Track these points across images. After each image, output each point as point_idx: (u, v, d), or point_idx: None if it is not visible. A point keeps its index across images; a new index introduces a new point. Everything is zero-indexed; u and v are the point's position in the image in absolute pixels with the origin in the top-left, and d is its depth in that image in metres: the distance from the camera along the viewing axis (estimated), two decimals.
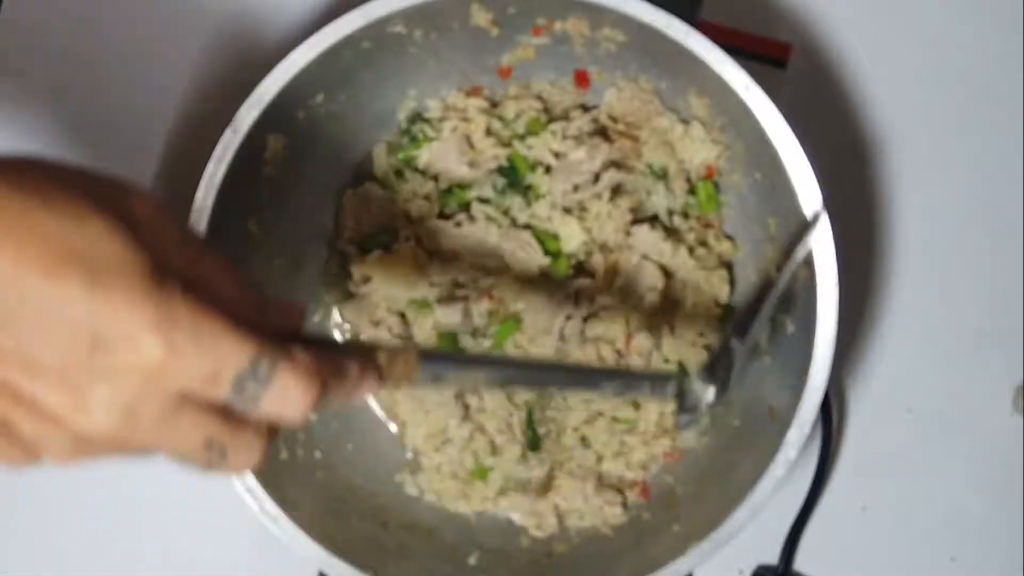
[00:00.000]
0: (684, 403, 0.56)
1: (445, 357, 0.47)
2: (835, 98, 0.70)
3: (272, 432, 0.40)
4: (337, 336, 0.67)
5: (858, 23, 0.70)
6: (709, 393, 0.56)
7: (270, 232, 0.64)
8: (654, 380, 0.56)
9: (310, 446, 0.64)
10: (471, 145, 0.66)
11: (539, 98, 0.67)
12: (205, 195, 0.58)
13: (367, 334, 0.66)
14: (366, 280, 0.66)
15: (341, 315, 0.67)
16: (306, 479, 0.62)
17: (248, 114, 0.58)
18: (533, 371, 0.52)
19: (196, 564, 0.67)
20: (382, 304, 0.66)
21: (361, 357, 0.42)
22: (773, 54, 0.69)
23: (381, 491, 0.65)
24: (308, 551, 0.57)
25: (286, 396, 0.37)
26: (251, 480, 0.57)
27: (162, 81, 0.70)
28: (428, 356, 0.44)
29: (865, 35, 0.70)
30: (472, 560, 0.63)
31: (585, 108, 0.67)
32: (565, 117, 0.67)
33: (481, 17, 0.62)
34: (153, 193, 0.39)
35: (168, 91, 0.70)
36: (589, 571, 0.62)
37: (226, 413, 0.37)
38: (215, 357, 0.36)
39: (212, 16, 0.71)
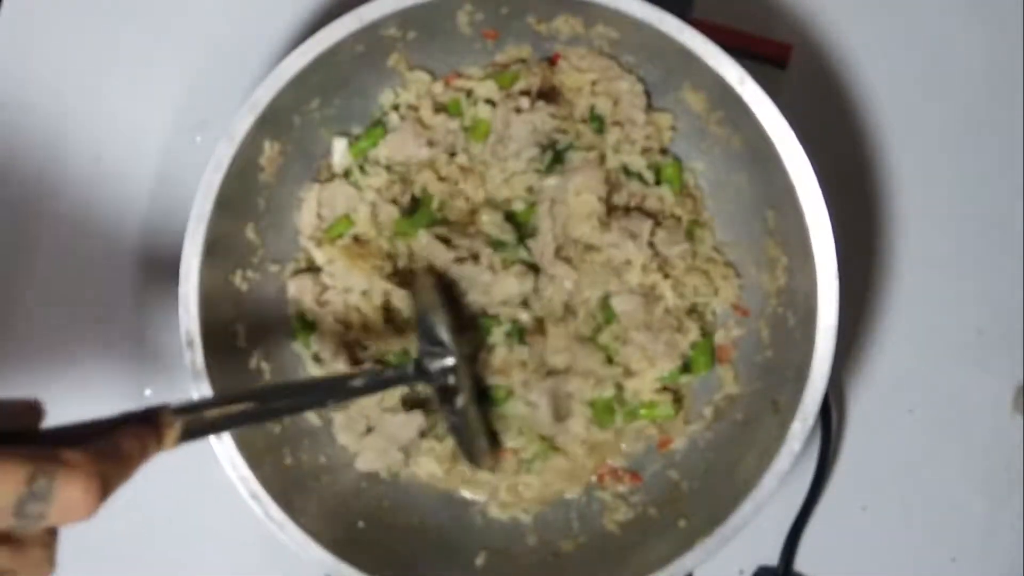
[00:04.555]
0: (431, 378, 0.60)
1: (198, 404, 0.47)
2: (835, 98, 0.70)
3: (55, 537, 0.39)
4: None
5: (858, 23, 0.70)
6: (447, 359, 0.60)
7: (267, 238, 0.64)
8: (396, 368, 0.60)
9: (315, 451, 0.64)
10: (424, 126, 0.66)
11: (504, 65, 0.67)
12: (203, 203, 0.58)
13: (312, 312, 0.66)
14: (329, 263, 0.66)
15: (290, 289, 0.66)
16: (311, 484, 0.63)
17: (243, 121, 0.58)
18: (286, 396, 0.54)
19: (203, 570, 0.68)
20: (338, 286, 0.65)
21: (136, 427, 0.42)
22: (773, 54, 0.69)
23: (386, 494, 0.65)
24: (315, 556, 0.58)
25: (72, 503, 0.37)
26: (256, 486, 0.58)
27: (159, 87, 0.70)
28: (181, 409, 0.45)
29: (865, 35, 0.70)
30: (479, 561, 0.63)
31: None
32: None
33: (474, 18, 0.62)
34: None
35: (163, 97, 0.70)
36: (596, 569, 0.63)
37: (6, 538, 0.37)
38: None
39: (207, 22, 0.70)
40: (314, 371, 0.66)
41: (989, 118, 0.69)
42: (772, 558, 0.67)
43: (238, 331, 0.62)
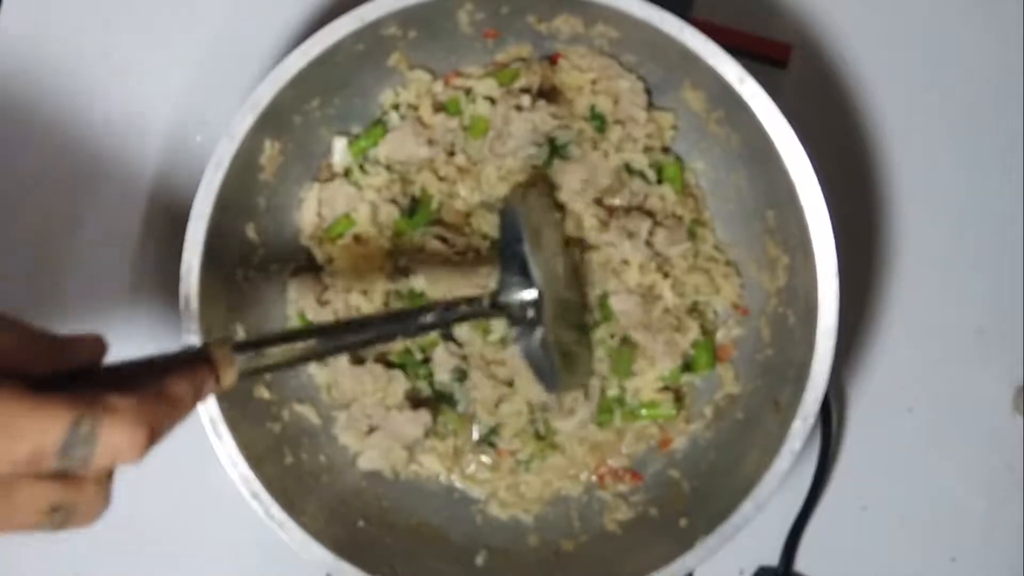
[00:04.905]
0: (510, 312, 0.56)
1: (259, 341, 0.47)
2: (835, 98, 0.70)
3: (110, 475, 0.40)
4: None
5: (858, 23, 0.70)
6: (528, 292, 0.56)
7: (268, 237, 0.64)
8: (471, 302, 0.56)
9: (315, 451, 0.64)
10: (424, 125, 0.66)
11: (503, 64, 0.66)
12: (203, 201, 0.58)
13: (312, 313, 0.65)
14: (329, 262, 0.66)
15: (291, 289, 0.66)
16: (312, 484, 0.63)
17: (244, 120, 0.58)
18: (349, 330, 0.52)
19: (204, 570, 0.68)
20: (338, 286, 0.65)
21: (190, 366, 0.42)
22: (773, 54, 0.69)
23: (387, 493, 0.65)
24: (315, 555, 0.58)
25: (117, 447, 0.37)
26: (257, 485, 0.58)
27: (158, 85, 0.70)
28: (242, 345, 0.45)
29: (865, 35, 0.70)
30: (480, 560, 0.63)
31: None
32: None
33: (475, 17, 0.62)
34: None
35: (164, 97, 0.70)
36: (596, 568, 0.63)
37: (62, 475, 0.37)
38: (30, 438, 0.35)
39: (207, 21, 0.70)
40: (315, 371, 0.66)
41: (989, 118, 0.69)
42: (772, 558, 0.67)
43: (238, 331, 0.62)
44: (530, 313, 0.57)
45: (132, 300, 0.69)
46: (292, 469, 0.62)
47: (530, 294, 0.56)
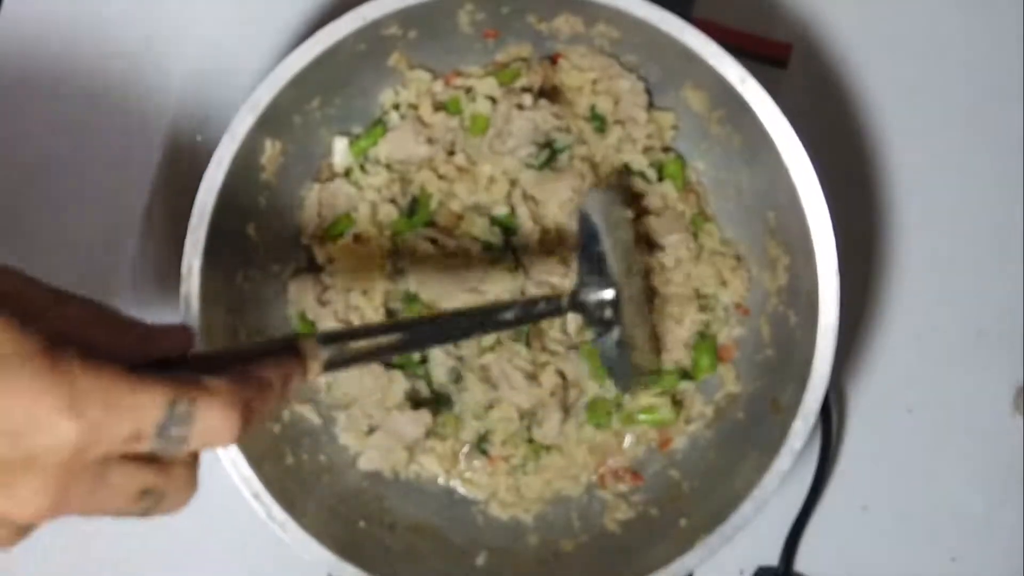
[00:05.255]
0: (587, 311, 0.57)
1: (343, 334, 0.47)
2: (835, 98, 0.70)
3: (197, 459, 0.40)
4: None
5: (858, 23, 0.70)
6: (606, 292, 0.57)
7: (268, 237, 0.64)
8: (549, 300, 0.57)
9: (315, 451, 0.64)
10: (424, 124, 0.66)
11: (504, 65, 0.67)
12: (204, 200, 0.58)
13: (313, 312, 0.65)
14: (329, 261, 0.66)
15: (291, 289, 0.66)
16: (312, 483, 0.63)
17: (244, 120, 0.58)
18: (433, 326, 0.53)
19: (205, 570, 0.68)
20: (339, 285, 0.65)
21: (277, 357, 0.42)
22: (773, 54, 0.69)
23: (387, 493, 0.65)
24: (316, 555, 0.58)
25: (213, 428, 0.37)
26: (257, 485, 0.58)
27: (158, 85, 0.70)
28: (327, 338, 0.45)
29: (865, 35, 0.70)
30: (480, 561, 0.63)
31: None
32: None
33: (475, 17, 0.62)
34: (5, 264, 0.40)
35: (164, 96, 0.70)
36: (597, 569, 0.63)
37: (154, 458, 0.37)
38: (131, 417, 0.35)
39: (208, 21, 0.70)
40: None
41: (989, 118, 0.69)
42: (772, 558, 0.67)
43: (238, 330, 0.62)
44: (607, 313, 0.58)
45: (132, 300, 0.69)
46: (293, 469, 0.62)
47: (608, 293, 0.57)
